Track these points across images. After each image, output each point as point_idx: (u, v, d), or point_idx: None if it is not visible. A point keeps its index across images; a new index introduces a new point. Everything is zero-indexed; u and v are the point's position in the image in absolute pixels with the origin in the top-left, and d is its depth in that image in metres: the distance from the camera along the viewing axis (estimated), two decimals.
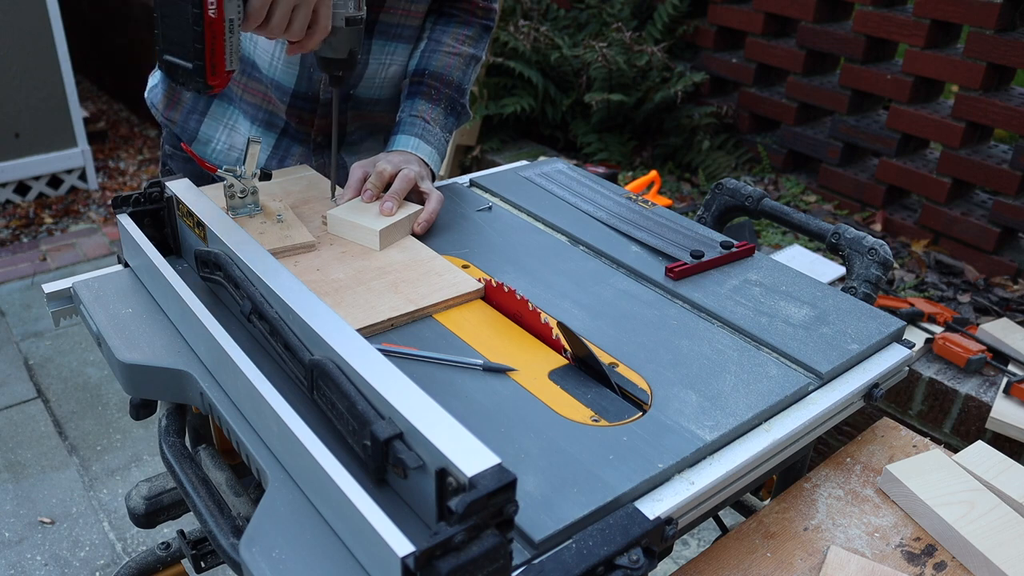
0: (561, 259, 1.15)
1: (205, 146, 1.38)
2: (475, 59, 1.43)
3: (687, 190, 3.06)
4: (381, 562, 0.60)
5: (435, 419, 0.65)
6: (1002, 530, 0.85)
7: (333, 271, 1.06)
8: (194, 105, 1.37)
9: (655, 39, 3.24)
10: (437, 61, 1.36)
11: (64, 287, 1.04)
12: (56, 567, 2.07)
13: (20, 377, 2.76)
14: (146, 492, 1.04)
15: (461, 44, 1.39)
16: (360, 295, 1.01)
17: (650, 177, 2.77)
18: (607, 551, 0.69)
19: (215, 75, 0.93)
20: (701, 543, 2.14)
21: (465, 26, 1.41)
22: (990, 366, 1.97)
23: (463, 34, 1.40)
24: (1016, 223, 2.44)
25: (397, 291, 1.02)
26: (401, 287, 1.03)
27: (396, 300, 1.00)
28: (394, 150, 1.28)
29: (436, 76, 1.35)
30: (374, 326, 0.95)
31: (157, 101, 1.42)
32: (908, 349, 1.01)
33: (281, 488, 0.73)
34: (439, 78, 1.35)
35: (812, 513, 0.91)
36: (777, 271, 1.13)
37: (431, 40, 1.38)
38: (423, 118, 1.32)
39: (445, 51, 1.37)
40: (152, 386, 0.92)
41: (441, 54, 1.37)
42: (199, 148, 1.39)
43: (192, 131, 1.38)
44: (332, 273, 1.05)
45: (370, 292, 1.01)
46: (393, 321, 0.97)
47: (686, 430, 0.82)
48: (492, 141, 3.27)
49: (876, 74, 2.76)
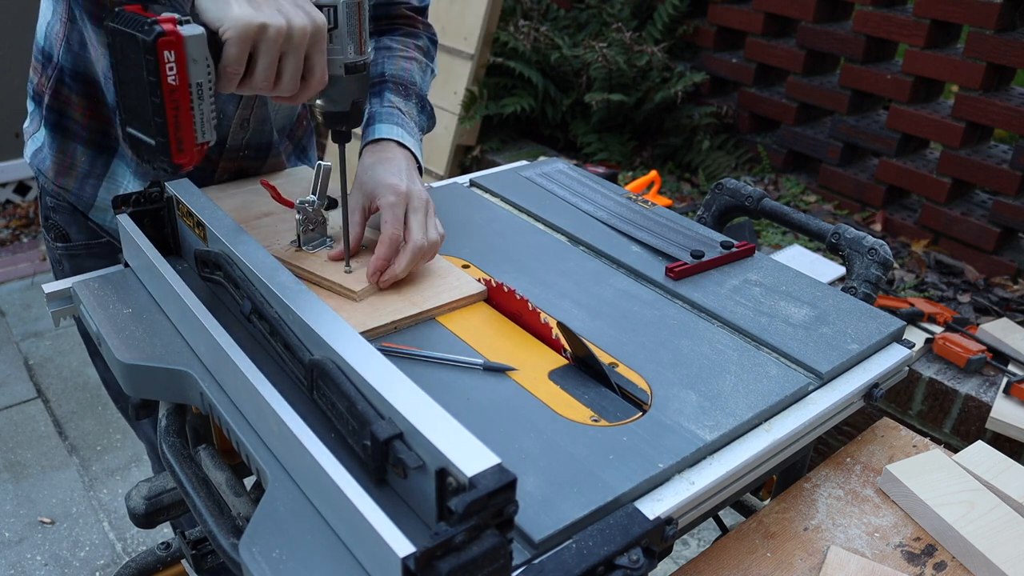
0: (561, 259, 1.15)
1: (106, 213, 1.19)
2: (430, 68, 1.32)
3: (687, 190, 3.06)
4: (381, 562, 0.60)
5: (435, 419, 0.65)
6: (1002, 530, 0.85)
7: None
8: (90, 168, 1.16)
9: (655, 39, 3.24)
10: (393, 65, 1.24)
11: (64, 287, 1.04)
12: (56, 567, 2.07)
13: (20, 377, 2.76)
14: (146, 492, 1.04)
15: (413, 51, 1.28)
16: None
17: (650, 177, 2.77)
18: (607, 551, 0.69)
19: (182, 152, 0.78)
20: (701, 543, 2.14)
21: (413, 36, 1.31)
22: (990, 366, 1.97)
23: (413, 43, 1.30)
24: (1016, 223, 2.44)
25: (400, 294, 1.01)
26: (404, 290, 1.02)
27: (399, 303, 0.99)
28: (377, 139, 1.14)
29: (396, 78, 1.23)
30: (377, 329, 0.95)
31: (45, 168, 1.19)
32: (908, 349, 1.01)
33: (281, 488, 0.73)
34: (400, 80, 1.23)
35: (812, 513, 0.91)
36: (777, 271, 1.13)
37: (380, 49, 1.26)
38: (398, 109, 1.19)
39: (400, 55, 1.26)
40: (152, 386, 0.92)
41: (396, 58, 1.25)
42: (98, 216, 1.20)
43: (88, 198, 1.18)
44: None
45: (374, 295, 1.01)
46: (396, 324, 0.96)
47: (686, 430, 0.82)
48: (492, 141, 3.27)
49: (876, 74, 2.75)
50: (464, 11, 3.10)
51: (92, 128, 1.13)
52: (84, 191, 1.17)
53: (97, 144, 1.14)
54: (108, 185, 1.17)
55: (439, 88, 3.20)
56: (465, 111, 3.11)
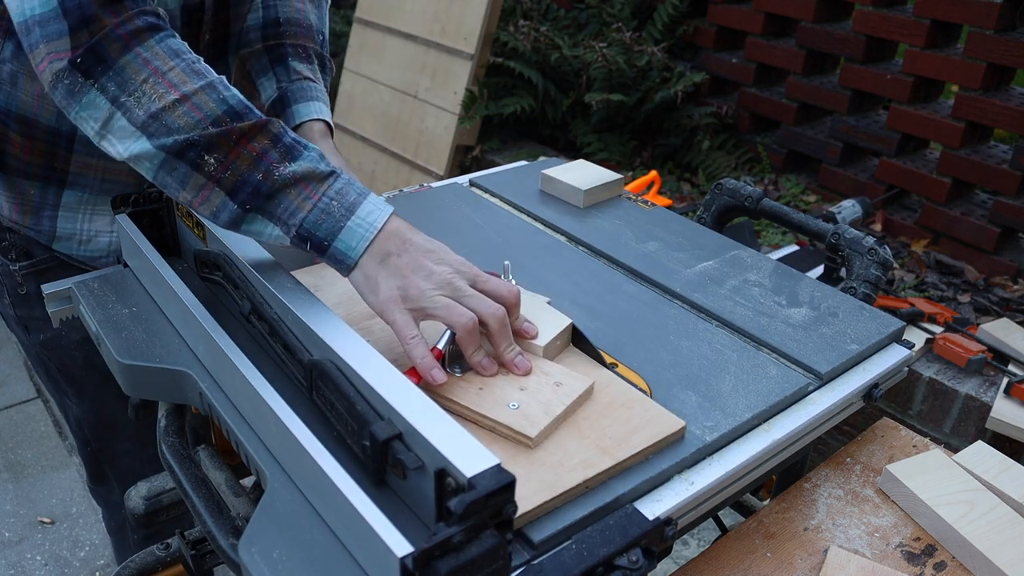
0: (561, 259, 1.14)
1: (70, 242, 1.17)
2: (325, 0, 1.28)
3: (687, 190, 3.06)
4: (380, 563, 0.60)
5: (434, 420, 0.65)
6: (1002, 530, 0.85)
7: None
8: (42, 199, 1.13)
9: (655, 39, 3.24)
10: (287, 7, 1.19)
11: (64, 287, 1.04)
12: (56, 567, 2.07)
13: (20, 377, 2.76)
14: (146, 492, 1.04)
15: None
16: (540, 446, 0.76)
17: (650, 177, 2.76)
18: (606, 551, 0.69)
19: None
20: (701, 543, 2.14)
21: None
22: (990, 366, 1.97)
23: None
24: (1016, 223, 2.43)
25: (579, 432, 0.77)
26: (580, 424, 0.78)
27: (586, 451, 0.74)
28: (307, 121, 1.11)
29: (293, 22, 1.17)
30: (568, 493, 0.71)
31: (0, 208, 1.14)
32: (908, 349, 1.01)
33: (281, 489, 0.73)
34: (296, 24, 1.18)
35: (812, 513, 0.91)
36: (777, 271, 1.13)
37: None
38: (308, 78, 1.16)
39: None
40: (151, 386, 0.92)
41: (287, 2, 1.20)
42: (63, 246, 1.17)
43: (48, 230, 1.15)
44: None
45: (549, 437, 0.77)
46: (588, 484, 0.72)
47: (686, 430, 0.81)
48: (492, 141, 3.27)
49: (876, 74, 2.75)
50: (464, 11, 3.10)
51: (34, 163, 1.10)
52: (42, 224, 1.14)
53: (43, 177, 1.11)
54: (64, 214, 1.14)
55: (439, 88, 3.19)
56: (465, 111, 3.11)
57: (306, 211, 0.81)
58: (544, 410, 0.77)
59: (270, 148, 0.81)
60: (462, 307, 0.80)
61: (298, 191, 0.81)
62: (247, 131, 0.81)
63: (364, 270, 0.82)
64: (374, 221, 0.82)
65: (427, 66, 3.24)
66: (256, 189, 0.81)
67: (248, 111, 0.82)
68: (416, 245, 0.82)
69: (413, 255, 0.81)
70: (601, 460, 0.73)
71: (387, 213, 0.83)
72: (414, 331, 0.80)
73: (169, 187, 0.83)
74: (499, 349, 0.82)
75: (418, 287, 0.80)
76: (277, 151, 0.81)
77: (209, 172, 0.81)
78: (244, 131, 0.81)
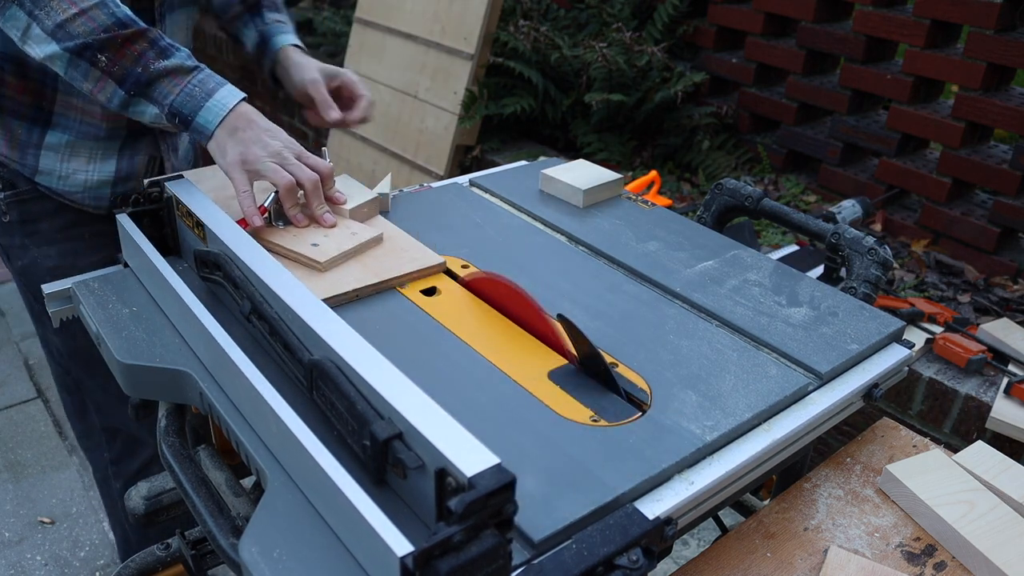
0: (561, 259, 1.14)
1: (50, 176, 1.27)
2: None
3: (687, 190, 3.06)
4: (380, 562, 0.60)
5: (434, 419, 0.65)
6: (1002, 530, 0.85)
7: None
8: (28, 138, 1.25)
9: (655, 39, 3.24)
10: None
11: (64, 287, 1.04)
12: (56, 567, 2.07)
13: (20, 377, 2.76)
14: (146, 492, 1.04)
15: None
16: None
17: (650, 177, 2.76)
18: (607, 551, 0.69)
19: None
20: (701, 543, 2.14)
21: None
22: (990, 366, 1.97)
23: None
24: (1016, 223, 2.43)
25: (363, 264, 1.07)
26: (367, 261, 1.07)
27: (361, 273, 1.04)
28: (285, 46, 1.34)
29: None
30: (339, 296, 1.00)
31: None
32: (908, 349, 1.01)
33: (281, 488, 0.73)
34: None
35: (812, 513, 0.91)
36: (777, 271, 1.13)
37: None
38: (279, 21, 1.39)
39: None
40: (152, 386, 0.92)
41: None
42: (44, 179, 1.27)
43: (32, 165, 1.26)
44: None
45: (337, 266, 1.06)
46: (358, 292, 1.02)
47: (686, 430, 0.81)
48: (492, 141, 3.27)
49: (876, 74, 2.75)
50: (464, 11, 3.10)
51: (25, 103, 1.22)
52: (27, 159, 1.26)
53: (31, 118, 1.24)
54: (46, 152, 1.27)
55: (439, 88, 3.19)
56: (465, 111, 3.10)
57: (175, 95, 1.06)
58: (336, 247, 1.06)
59: (148, 49, 1.05)
60: (285, 171, 1.06)
61: (169, 80, 1.06)
62: (130, 36, 1.04)
63: (217, 140, 1.06)
64: (227, 103, 1.06)
65: (427, 66, 3.24)
66: (138, 79, 1.05)
67: (132, 22, 1.05)
68: (257, 124, 1.07)
69: (255, 131, 1.06)
70: (370, 278, 1.03)
71: (238, 98, 1.07)
72: (246, 186, 1.06)
73: (76, 80, 1.07)
74: (311, 206, 1.10)
75: (255, 154, 1.05)
76: (154, 51, 1.06)
77: (103, 67, 1.05)
78: (128, 36, 1.04)
